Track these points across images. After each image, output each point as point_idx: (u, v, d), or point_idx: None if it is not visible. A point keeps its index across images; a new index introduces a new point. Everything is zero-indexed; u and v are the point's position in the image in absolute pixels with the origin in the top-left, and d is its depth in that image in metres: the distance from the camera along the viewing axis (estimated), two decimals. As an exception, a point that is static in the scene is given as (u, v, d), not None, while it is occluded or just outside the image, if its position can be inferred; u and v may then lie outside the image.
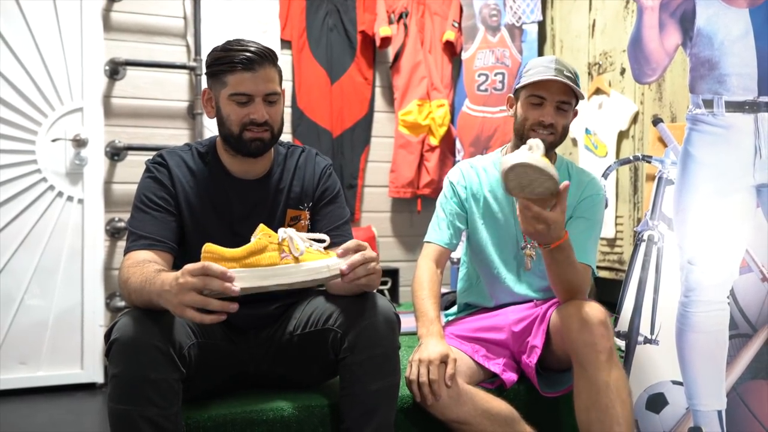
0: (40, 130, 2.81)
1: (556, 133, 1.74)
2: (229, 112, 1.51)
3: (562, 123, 1.75)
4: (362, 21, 3.41)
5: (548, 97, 1.72)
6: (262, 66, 1.49)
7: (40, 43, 2.79)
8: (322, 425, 1.56)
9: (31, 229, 2.78)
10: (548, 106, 1.73)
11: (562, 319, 1.62)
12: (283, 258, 1.31)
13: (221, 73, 1.50)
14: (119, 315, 1.36)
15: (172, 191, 1.55)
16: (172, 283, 1.23)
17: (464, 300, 1.99)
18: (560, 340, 1.65)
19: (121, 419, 1.28)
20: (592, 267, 1.76)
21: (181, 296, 1.20)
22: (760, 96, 1.78)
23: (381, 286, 3.31)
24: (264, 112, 1.50)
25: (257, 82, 1.49)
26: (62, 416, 2.54)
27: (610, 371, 1.53)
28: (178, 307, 1.22)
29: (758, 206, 1.79)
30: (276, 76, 1.53)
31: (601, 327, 1.56)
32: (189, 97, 3.12)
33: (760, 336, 1.76)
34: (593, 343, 1.55)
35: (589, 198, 1.82)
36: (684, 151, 1.92)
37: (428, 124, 3.43)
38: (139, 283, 1.32)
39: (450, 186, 1.91)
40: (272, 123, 1.53)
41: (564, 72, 1.71)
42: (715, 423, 1.78)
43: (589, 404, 1.53)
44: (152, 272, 1.32)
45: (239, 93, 1.49)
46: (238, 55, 1.47)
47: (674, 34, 1.98)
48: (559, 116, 1.74)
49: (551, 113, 1.72)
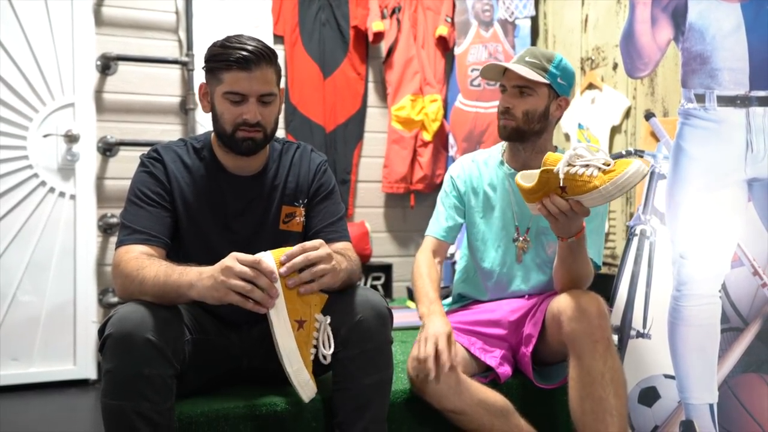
0: (31, 125, 2.79)
1: (515, 119, 1.77)
2: (222, 110, 1.51)
3: (522, 107, 1.76)
4: (355, 16, 3.40)
5: (507, 83, 1.79)
6: (259, 66, 1.47)
7: (31, 38, 2.77)
8: (315, 420, 1.56)
9: (22, 225, 2.76)
10: (506, 92, 1.79)
11: (559, 309, 1.63)
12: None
13: (217, 70, 1.49)
14: (113, 310, 1.36)
15: (168, 186, 1.54)
16: (215, 269, 1.29)
17: (458, 291, 1.99)
18: (556, 329, 1.65)
19: (115, 414, 1.28)
20: (595, 261, 1.77)
21: (228, 280, 1.27)
22: (751, 90, 1.78)
23: (374, 281, 3.31)
24: (257, 112, 1.49)
25: (252, 83, 1.47)
26: (55, 413, 2.53)
27: (605, 361, 1.54)
28: (221, 289, 1.27)
29: (750, 200, 1.80)
30: (273, 77, 1.52)
31: (599, 317, 1.57)
32: (181, 92, 3.11)
33: (751, 330, 1.77)
34: (590, 333, 1.55)
35: None
36: (676, 146, 1.93)
37: (421, 120, 3.43)
38: (161, 274, 1.34)
39: (450, 180, 1.93)
40: (265, 124, 1.52)
41: (526, 58, 1.75)
42: (707, 416, 1.79)
43: (583, 394, 1.54)
44: (176, 266, 1.36)
45: (233, 92, 1.48)
46: (235, 53, 1.46)
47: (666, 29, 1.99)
48: (518, 100, 1.77)
49: (506, 98, 1.78)
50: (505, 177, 1.86)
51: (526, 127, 1.77)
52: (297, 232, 1.64)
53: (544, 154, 1.82)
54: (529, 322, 1.76)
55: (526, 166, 1.82)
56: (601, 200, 1.47)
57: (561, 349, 1.66)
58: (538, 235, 1.83)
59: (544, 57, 1.76)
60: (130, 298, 1.38)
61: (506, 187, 1.85)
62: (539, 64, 1.74)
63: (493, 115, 3.24)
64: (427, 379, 1.59)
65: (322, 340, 1.40)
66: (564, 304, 1.62)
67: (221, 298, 1.29)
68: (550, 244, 1.81)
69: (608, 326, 1.59)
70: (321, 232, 1.62)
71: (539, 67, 1.74)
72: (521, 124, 1.77)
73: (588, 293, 1.63)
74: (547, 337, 1.71)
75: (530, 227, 1.83)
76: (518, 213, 1.84)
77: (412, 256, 3.58)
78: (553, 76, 1.75)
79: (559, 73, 1.76)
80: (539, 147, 1.82)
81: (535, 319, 1.74)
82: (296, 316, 1.36)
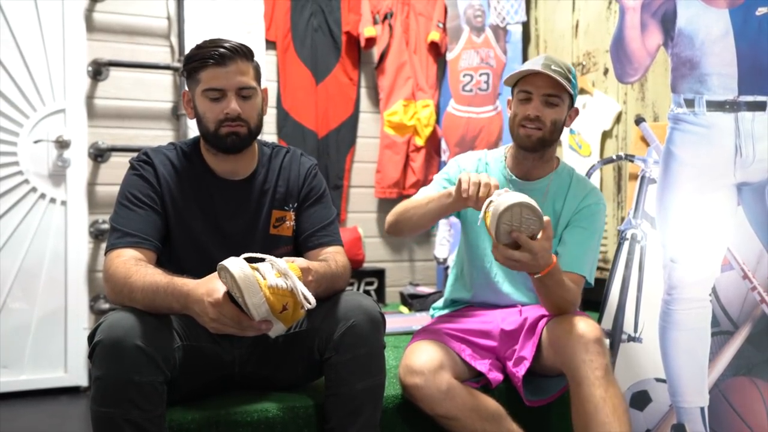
0: (21, 131, 2.78)
1: (544, 128, 1.72)
2: (204, 109, 1.51)
3: (551, 117, 1.72)
4: (347, 21, 3.40)
5: (534, 91, 1.71)
6: (234, 60, 1.49)
7: (22, 44, 2.76)
8: (307, 426, 1.56)
9: (13, 231, 2.75)
10: (535, 100, 1.72)
11: (556, 336, 1.62)
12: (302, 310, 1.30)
13: (194, 71, 1.51)
14: (103, 317, 1.35)
15: (158, 189, 1.54)
16: (204, 306, 1.26)
17: (451, 296, 1.97)
18: (552, 354, 1.64)
19: (105, 422, 1.27)
20: (585, 277, 1.72)
21: (218, 326, 1.26)
22: (740, 95, 1.79)
23: (367, 286, 3.31)
24: (236, 106, 1.50)
25: (228, 77, 1.49)
26: (45, 420, 2.51)
27: (606, 388, 1.52)
28: (209, 322, 1.27)
29: (739, 204, 1.81)
30: (250, 71, 1.53)
31: (597, 344, 1.56)
32: (173, 97, 3.10)
33: (742, 333, 1.78)
34: (589, 361, 1.54)
35: (587, 207, 1.78)
36: (666, 151, 1.94)
37: (414, 125, 3.44)
38: (150, 284, 1.33)
39: (449, 166, 1.90)
40: (247, 118, 1.52)
41: (552, 66, 1.69)
42: (698, 420, 1.80)
43: (586, 420, 1.51)
44: (167, 276, 1.34)
45: (211, 88, 1.49)
46: (210, 51, 1.48)
47: (656, 34, 2.00)
48: (547, 109, 1.71)
49: (537, 106, 1.71)
50: (506, 182, 1.84)
51: (550, 137, 1.74)
52: (287, 236, 1.64)
53: (549, 164, 1.82)
54: (525, 341, 1.73)
55: (529, 174, 1.81)
56: (495, 220, 1.45)
57: (554, 368, 1.66)
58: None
59: (565, 66, 1.71)
60: (120, 304, 1.37)
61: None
62: (564, 75, 1.70)
63: (485, 120, 3.26)
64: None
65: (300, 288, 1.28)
66: (561, 331, 1.60)
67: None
68: None
69: (606, 352, 1.58)
70: (312, 236, 1.62)
71: (564, 77, 1.69)
72: (548, 134, 1.73)
73: (584, 319, 1.61)
74: (542, 359, 1.69)
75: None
76: None
77: (405, 261, 3.59)
78: (574, 87, 1.73)
79: (575, 84, 1.75)
80: (547, 157, 1.80)
81: (531, 341, 1.71)
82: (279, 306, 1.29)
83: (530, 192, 1.79)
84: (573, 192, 1.80)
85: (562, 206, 1.79)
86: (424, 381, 1.61)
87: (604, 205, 1.82)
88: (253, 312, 1.21)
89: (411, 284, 3.44)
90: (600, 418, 1.50)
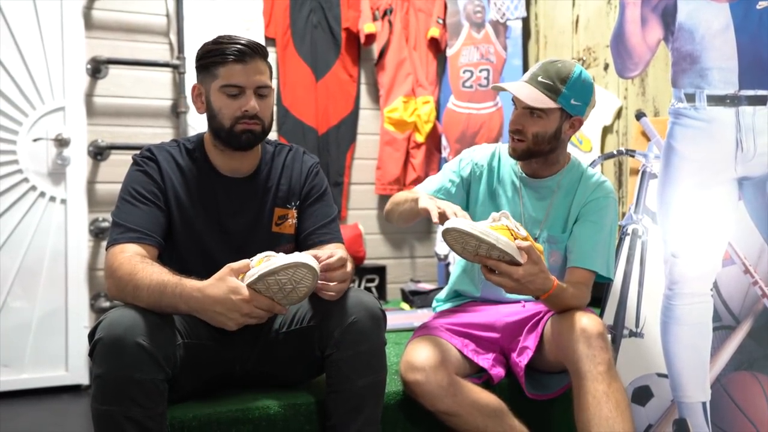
0: (21, 129, 2.77)
1: (526, 140, 1.69)
2: (220, 105, 1.50)
3: (532, 129, 1.68)
4: (346, 18, 3.40)
5: (517, 103, 1.71)
6: (254, 59, 1.49)
7: (21, 42, 2.75)
8: (308, 423, 1.56)
9: (13, 230, 2.75)
10: (516, 112, 1.71)
11: (559, 331, 1.61)
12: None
13: (212, 66, 1.49)
14: (103, 314, 1.35)
15: (162, 186, 1.53)
16: (232, 304, 1.29)
17: (455, 287, 1.96)
18: (555, 348, 1.64)
19: (105, 420, 1.27)
20: (596, 272, 1.70)
21: (247, 320, 1.32)
22: (740, 90, 1.79)
23: (368, 283, 3.31)
24: (255, 104, 1.50)
25: (249, 74, 1.49)
26: (46, 419, 2.52)
27: (609, 383, 1.52)
28: (240, 318, 1.31)
29: (740, 199, 1.81)
30: (267, 70, 1.54)
31: (600, 339, 1.55)
32: (172, 95, 3.10)
33: (743, 328, 1.78)
34: (593, 356, 1.54)
35: (595, 201, 1.75)
36: (667, 145, 1.93)
37: (414, 121, 3.43)
38: (157, 283, 1.32)
39: (462, 159, 1.88)
40: (263, 116, 1.52)
41: (539, 78, 1.66)
42: (700, 414, 1.80)
43: (590, 416, 1.51)
44: (175, 277, 1.34)
45: (231, 84, 1.48)
46: (230, 47, 1.47)
47: (656, 29, 2.00)
48: (528, 121, 1.69)
49: (517, 119, 1.70)
50: (516, 179, 1.83)
51: (536, 148, 1.71)
52: (289, 234, 1.63)
53: (556, 165, 1.80)
54: (528, 334, 1.73)
55: (536, 174, 1.80)
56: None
57: (556, 363, 1.66)
58: (547, 243, 1.79)
59: (558, 76, 1.65)
60: (123, 300, 1.37)
61: (516, 187, 1.82)
62: (551, 86, 1.64)
63: (485, 116, 3.25)
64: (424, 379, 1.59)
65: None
66: (565, 326, 1.60)
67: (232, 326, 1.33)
68: (553, 252, 1.79)
69: (609, 347, 1.57)
70: (313, 234, 1.62)
71: (551, 89, 1.64)
72: (531, 145, 1.70)
73: (588, 315, 1.60)
74: (545, 353, 1.69)
75: (539, 235, 1.79)
76: (527, 218, 1.80)
77: (406, 258, 3.59)
78: (565, 98, 1.65)
79: (573, 94, 1.66)
80: (551, 160, 1.78)
81: (534, 332, 1.71)
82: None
83: (541, 188, 1.80)
84: (582, 187, 1.78)
85: (572, 201, 1.78)
86: (425, 377, 1.61)
87: (614, 198, 1.78)
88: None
89: (412, 281, 3.44)
90: (603, 413, 1.50)
